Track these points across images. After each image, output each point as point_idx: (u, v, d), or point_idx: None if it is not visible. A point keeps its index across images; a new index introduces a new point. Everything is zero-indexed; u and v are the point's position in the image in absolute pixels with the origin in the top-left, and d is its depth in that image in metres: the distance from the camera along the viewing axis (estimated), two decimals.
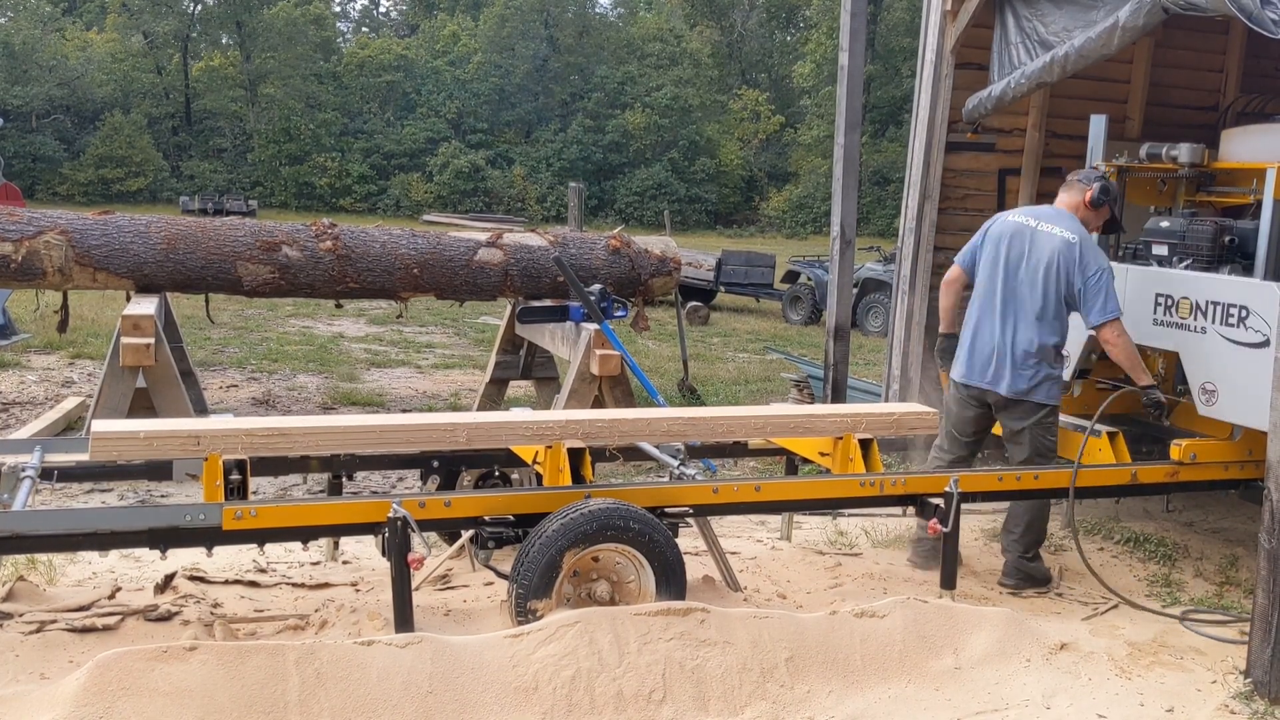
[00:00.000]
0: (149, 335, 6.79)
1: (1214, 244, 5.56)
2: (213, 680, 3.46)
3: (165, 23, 46.95)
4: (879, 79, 44.78)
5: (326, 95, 47.25)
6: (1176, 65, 8.24)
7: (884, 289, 15.70)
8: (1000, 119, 7.77)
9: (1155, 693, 4.26)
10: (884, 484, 4.89)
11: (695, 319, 16.70)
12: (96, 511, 4.55)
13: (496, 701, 3.68)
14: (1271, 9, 4.98)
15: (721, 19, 55.86)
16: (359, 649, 3.68)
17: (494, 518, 4.27)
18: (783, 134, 51.02)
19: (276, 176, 45.18)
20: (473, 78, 48.26)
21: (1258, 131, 5.89)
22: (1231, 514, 6.60)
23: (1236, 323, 5.07)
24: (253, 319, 13.99)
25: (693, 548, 5.18)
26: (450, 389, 9.97)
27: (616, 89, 48.50)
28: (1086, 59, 6.12)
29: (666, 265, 8.67)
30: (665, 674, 3.86)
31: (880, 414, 5.34)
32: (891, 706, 3.99)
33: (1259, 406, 4.61)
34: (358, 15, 60.71)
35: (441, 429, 4.69)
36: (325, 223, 7.98)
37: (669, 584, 4.29)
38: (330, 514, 4.13)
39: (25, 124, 41.48)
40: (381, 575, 4.55)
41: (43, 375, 9.60)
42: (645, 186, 46.52)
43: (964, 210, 7.99)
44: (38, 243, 7.12)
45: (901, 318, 7.85)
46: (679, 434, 5.03)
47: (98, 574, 4.91)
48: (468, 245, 8.11)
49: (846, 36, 7.45)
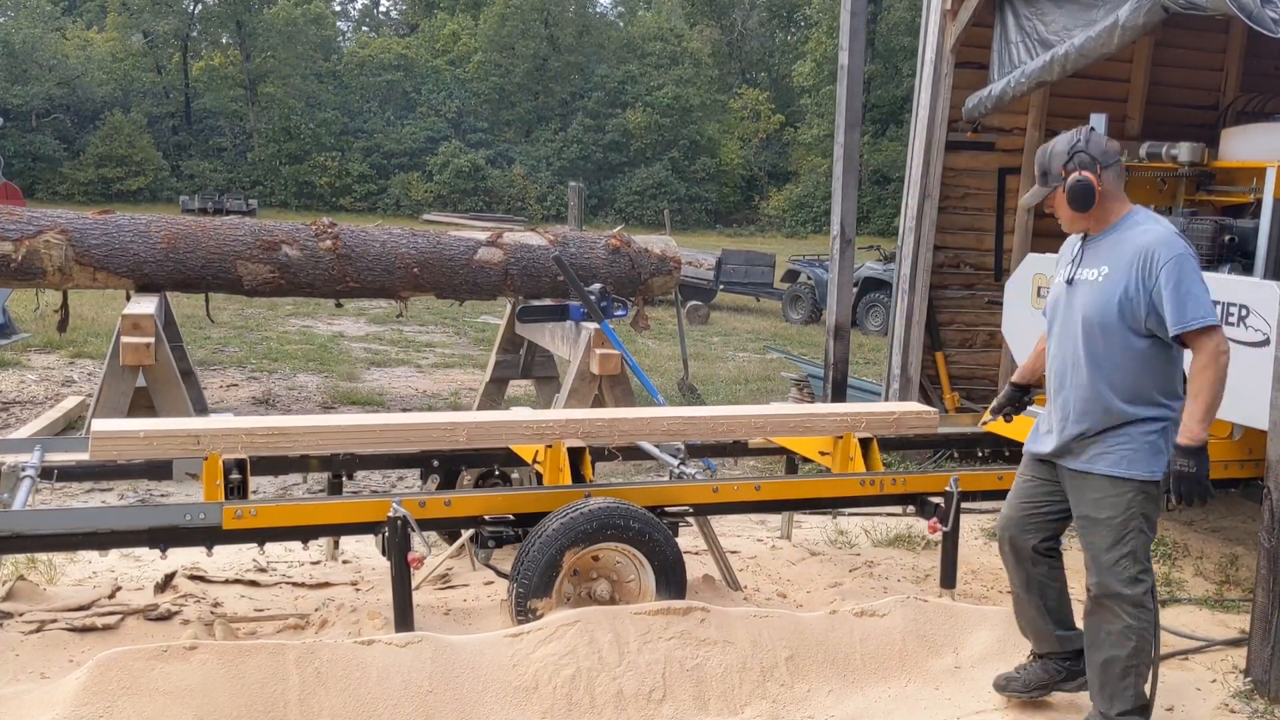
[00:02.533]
0: (149, 334, 6.79)
1: (1214, 243, 5.56)
2: (213, 680, 3.46)
3: (165, 22, 46.93)
4: (879, 78, 44.77)
5: (326, 94, 47.24)
6: (1176, 64, 8.23)
7: (884, 288, 15.70)
8: (1000, 118, 7.78)
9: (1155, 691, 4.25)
10: (884, 483, 4.89)
11: (695, 318, 16.70)
12: (96, 511, 4.55)
13: (496, 701, 3.68)
14: (1271, 8, 4.99)
15: (722, 18, 55.84)
16: (359, 648, 3.68)
17: (494, 517, 4.28)
18: (783, 133, 51.00)
19: (276, 176, 45.17)
20: (473, 77, 48.25)
21: (1257, 130, 5.90)
22: (1231, 513, 6.60)
23: (1236, 322, 5.07)
24: (253, 318, 13.99)
25: (693, 547, 5.18)
26: (450, 388, 9.97)
27: (617, 88, 48.49)
28: (1087, 58, 6.12)
29: (666, 264, 8.67)
30: (665, 673, 3.86)
31: (880, 413, 5.35)
32: (891, 706, 3.99)
33: (1259, 405, 4.61)
34: (358, 14, 60.71)
35: (441, 428, 4.70)
36: (325, 222, 7.99)
37: (669, 583, 4.29)
38: (330, 513, 4.13)
39: (25, 123, 41.46)
40: (381, 574, 4.55)
41: (43, 374, 9.59)
42: (645, 186, 46.50)
43: (964, 209, 7.99)
44: (38, 242, 7.12)
45: (901, 317, 7.85)
46: (678, 433, 5.04)
47: (98, 573, 4.91)
48: (468, 244, 8.11)
49: (846, 35, 7.45)
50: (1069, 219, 3.82)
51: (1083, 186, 3.68)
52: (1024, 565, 3.94)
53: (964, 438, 6.30)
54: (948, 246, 7.97)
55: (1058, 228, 3.95)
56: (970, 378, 8.23)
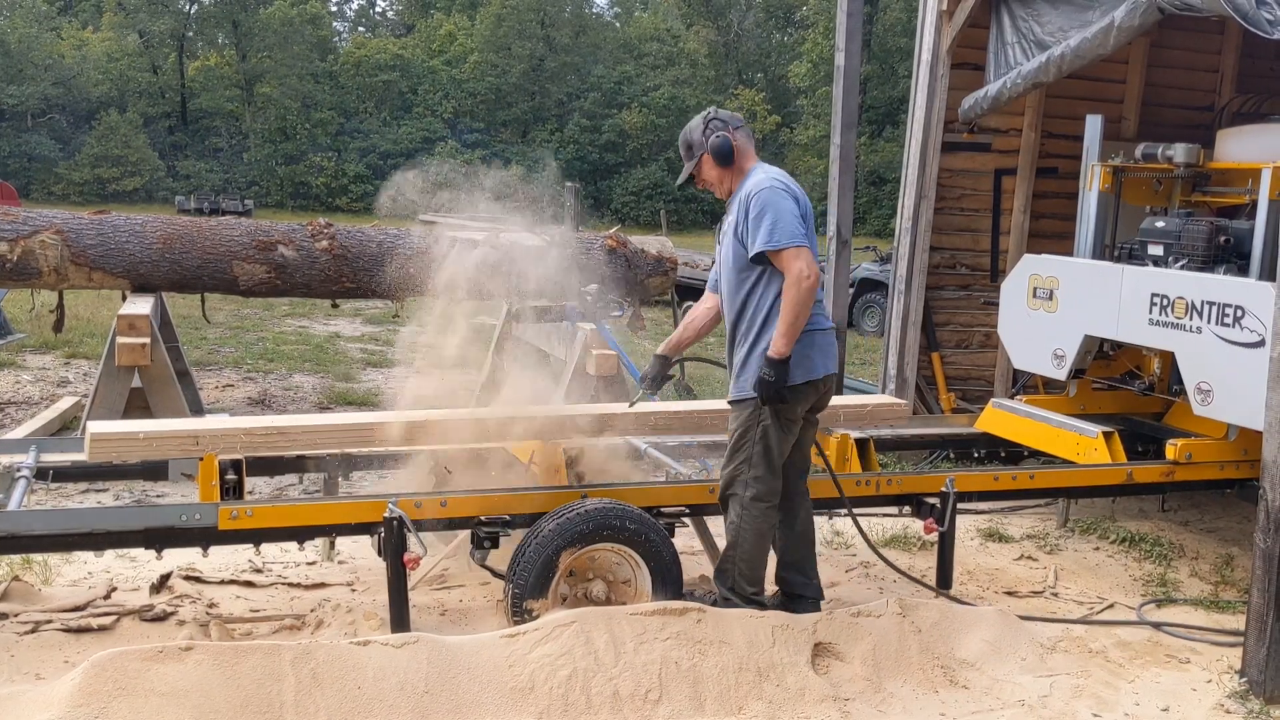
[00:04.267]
0: (145, 335, 6.78)
1: (1209, 244, 5.57)
2: (208, 680, 3.46)
3: (161, 22, 46.88)
4: (875, 79, 44.76)
5: (323, 95, 47.19)
6: (1172, 65, 8.24)
7: (880, 289, 15.70)
8: (996, 119, 7.78)
9: (1151, 692, 4.26)
10: (880, 483, 4.90)
11: None
12: (92, 511, 4.55)
13: (493, 701, 3.68)
14: (1266, 9, 5.00)
15: (718, 19, 55.78)
16: (355, 649, 3.68)
17: (490, 517, 4.28)
18: (779, 134, 50.98)
19: (272, 176, 45.12)
20: (469, 77, 48.22)
21: (1253, 132, 5.91)
22: (1227, 513, 6.61)
23: (1232, 323, 5.07)
24: (249, 319, 13.97)
25: (689, 547, 5.17)
26: (447, 389, 9.95)
27: (613, 89, 48.49)
28: (1082, 59, 6.13)
29: (663, 265, 8.66)
30: (661, 673, 3.86)
31: (854, 405, 5.53)
32: (887, 706, 3.99)
33: (1255, 406, 4.61)
34: (354, 15, 60.69)
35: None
36: (321, 222, 7.98)
37: (665, 584, 4.29)
38: (326, 514, 4.13)
39: (21, 123, 41.42)
40: (378, 575, 4.55)
41: (38, 375, 9.58)
42: (642, 186, 46.49)
43: (960, 210, 7.99)
44: (33, 242, 7.10)
45: (898, 317, 7.85)
46: (667, 428, 5.10)
47: (93, 574, 4.90)
48: (464, 245, 8.10)
49: (842, 36, 7.45)
50: (717, 180, 4.36)
51: (723, 142, 4.27)
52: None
53: (960, 438, 6.32)
54: (944, 247, 7.97)
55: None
56: (966, 378, 8.23)
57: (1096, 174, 6.17)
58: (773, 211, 4.10)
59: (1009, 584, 5.40)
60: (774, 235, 4.08)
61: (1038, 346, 6.23)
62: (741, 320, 4.29)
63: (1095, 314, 5.84)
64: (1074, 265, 6.09)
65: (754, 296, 4.24)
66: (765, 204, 4.12)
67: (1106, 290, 5.76)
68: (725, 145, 4.28)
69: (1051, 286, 6.11)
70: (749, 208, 4.17)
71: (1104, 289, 5.78)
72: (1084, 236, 6.24)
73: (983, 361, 8.25)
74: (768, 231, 4.09)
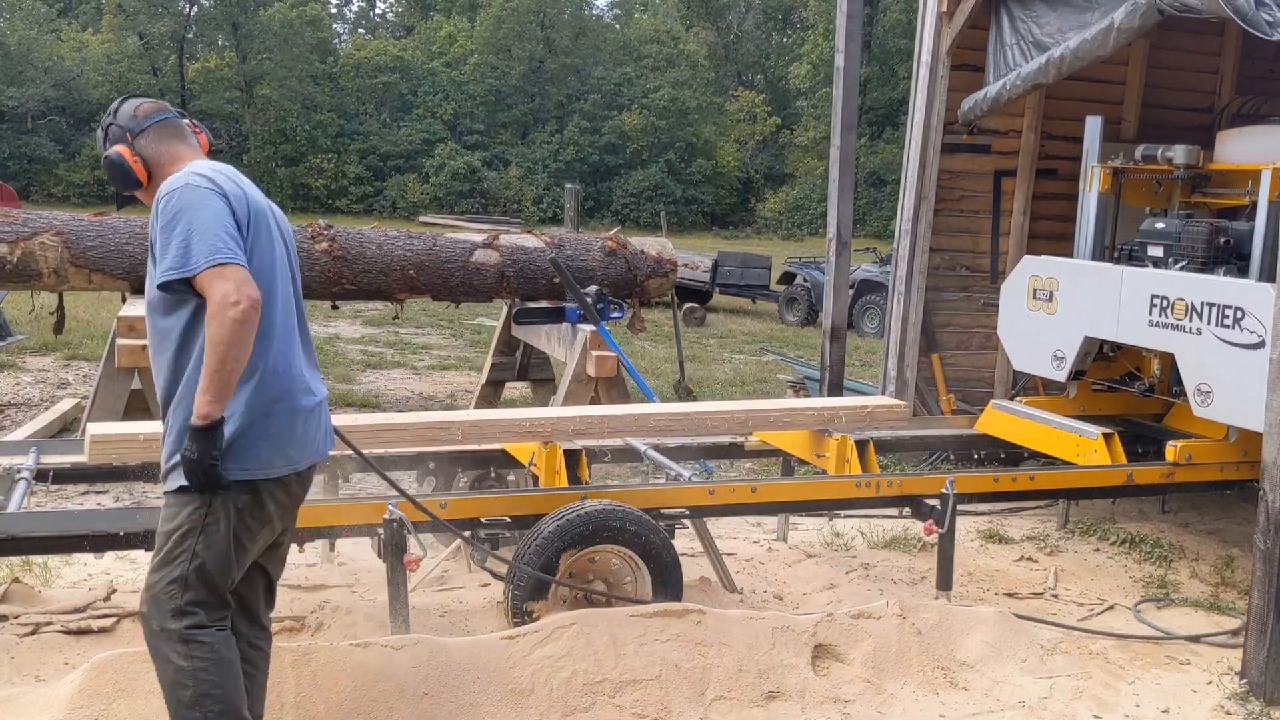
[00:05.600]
0: (145, 337, 6.77)
1: (1209, 245, 5.57)
2: None
3: (161, 24, 46.87)
4: (875, 80, 44.80)
5: (323, 96, 47.18)
6: (1172, 67, 8.25)
7: (880, 290, 15.71)
8: (996, 120, 7.78)
9: (1151, 693, 4.26)
10: (880, 485, 4.91)
11: (691, 320, 16.70)
12: (92, 513, 4.55)
13: (493, 703, 3.68)
14: (1266, 11, 5.00)
15: (718, 20, 55.84)
16: (355, 651, 3.68)
17: (490, 519, 4.28)
18: (779, 135, 51.00)
19: (272, 178, 45.06)
20: (469, 79, 48.22)
21: (1253, 133, 5.91)
22: (1227, 515, 6.61)
23: (1232, 324, 5.08)
24: None
25: (689, 549, 5.18)
26: (446, 390, 9.96)
27: (613, 90, 48.48)
28: (1082, 60, 6.13)
29: (663, 266, 8.67)
30: (662, 675, 3.86)
31: (855, 406, 5.49)
32: (887, 708, 3.99)
33: (1254, 408, 4.62)
34: (354, 16, 60.68)
35: (437, 427, 4.71)
36: (321, 224, 7.98)
37: (665, 585, 4.29)
38: (326, 515, 4.13)
39: (21, 125, 41.41)
40: (378, 577, 4.55)
41: (38, 377, 9.58)
42: (642, 188, 46.49)
43: (960, 211, 7.99)
44: (33, 244, 7.10)
45: (897, 319, 7.85)
46: (666, 429, 5.12)
47: (93, 576, 4.90)
48: (464, 246, 8.11)
49: (842, 38, 7.45)
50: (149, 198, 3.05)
51: (117, 160, 3.05)
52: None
53: (959, 440, 6.32)
54: (944, 249, 7.98)
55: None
56: (966, 380, 8.23)
57: (1096, 175, 6.18)
58: (188, 219, 2.83)
59: (1009, 585, 5.41)
60: (189, 254, 2.80)
61: (1037, 348, 6.23)
62: (176, 384, 2.98)
63: (1095, 315, 5.84)
64: (1074, 266, 6.09)
65: (191, 350, 2.93)
66: (179, 209, 2.85)
67: (1106, 292, 5.76)
68: (120, 164, 3.07)
69: (1051, 288, 6.12)
70: (158, 215, 2.91)
71: (1104, 290, 5.78)
72: (1084, 238, 6.24)
73: (982, 363, 8.25)
74: (180, 250, 2.81)
